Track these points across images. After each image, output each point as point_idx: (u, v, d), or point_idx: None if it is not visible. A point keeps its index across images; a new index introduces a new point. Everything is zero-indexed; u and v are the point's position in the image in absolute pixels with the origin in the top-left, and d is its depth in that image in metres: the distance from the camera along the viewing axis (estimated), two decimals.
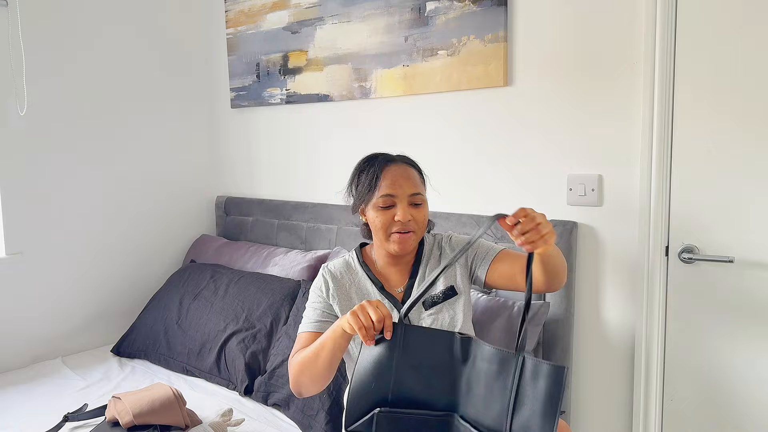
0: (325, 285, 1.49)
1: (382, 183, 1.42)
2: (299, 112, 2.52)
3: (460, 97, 2.03)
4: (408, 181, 1.44)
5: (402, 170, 1.45)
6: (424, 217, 1.46)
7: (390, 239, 1.43)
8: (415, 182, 1.46)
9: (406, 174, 1.45)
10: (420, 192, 1.45)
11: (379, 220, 1.43)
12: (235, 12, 2.66)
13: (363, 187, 1.46)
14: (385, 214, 1.42)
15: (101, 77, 2.47)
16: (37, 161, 2.30)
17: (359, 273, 1.52)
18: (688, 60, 1.62)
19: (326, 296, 1.48)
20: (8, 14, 2.18)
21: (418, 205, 1.44)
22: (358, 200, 1.49)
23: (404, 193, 1.42)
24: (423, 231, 1.49)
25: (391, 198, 1.42)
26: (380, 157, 1.49)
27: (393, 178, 1.43)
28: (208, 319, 2.19)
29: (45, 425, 1.73)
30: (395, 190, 1.42)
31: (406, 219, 1.41)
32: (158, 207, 2.71)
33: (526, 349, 1.75)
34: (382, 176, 1.43)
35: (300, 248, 2.49)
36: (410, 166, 1.49)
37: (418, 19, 2.07)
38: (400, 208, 1.41)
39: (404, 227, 1.41)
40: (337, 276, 1.51)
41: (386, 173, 1.43)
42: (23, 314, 2.30)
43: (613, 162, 1.76)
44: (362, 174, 1.48)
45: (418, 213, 1.44)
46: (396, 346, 1.19)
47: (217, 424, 1.71)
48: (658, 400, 1.75)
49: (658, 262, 1.70)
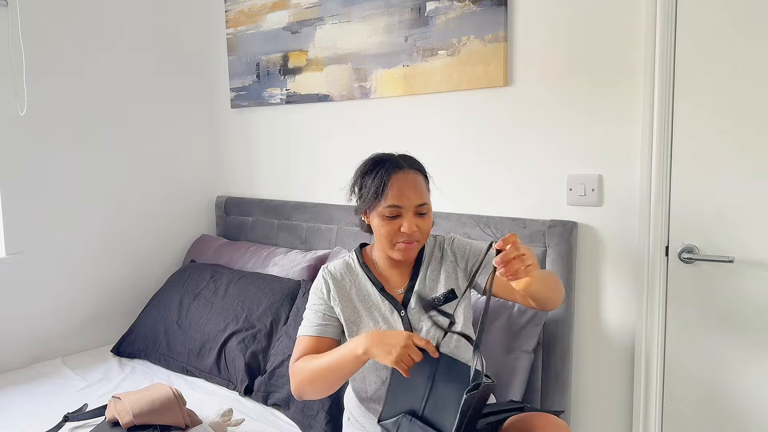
0: (326, 286, 1.49)
1: (389, 192, 1.38)
2: (299, 112, 2.52)
3: (460, 97, 2.03)
4: (415, 192, 1.40)
5: (410, 180, 1.41)
6: (428, 226, 1.45)
7: (395, 248, 1.42)
8: (422, 191, 1.43)
9: (413, 184, 1.41)
10: (426, 202, 1.43)
11: (384, 230, 1.41)
12: (235, 12, 2.66)
13: (368, 193, 1.42)
14: (391, 224, 1.40)
15: (101, 77, 2.47)
16: (37, 161, 2.30)
17: (359, 274, 1.51)
18: (688, 60, 1.62)
19: (327, 298, 1.48)
20: (8, 14, 2.18)
21: (424, 215, 1.43)
22: (362, 204, 1.46)
23: (411, 204, 1.39)
24: (426, 238, 1.48)
25: (398, 209, 1.39)
26: (388, 163, 1.43)
27: (400, 188, 1.39)
28: (208, 319, 2.19)
29: (45, 425, 1.73)
30: (402, 201, 1.39)
31: (412, 230, 1.39)
32: (158, 207, 2.71)
33: (525, 349, 1.77)
34: (389, 185, 1.39)
35: (300, 248, 2.49)
36: (417, 173, 1.45)
37: (418, 19, 2.07)
38: (406, 220, 1.39)
39: (410, 238, 1.40)
40: (338, 277, 1.50)
41: (393, 182, 1.39)
42: (23, 314, 2.30)
43: (613, 162, 1.76)
44: (367, 177, 1.43)
45: (423, 223, 1.42)
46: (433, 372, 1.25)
47: (217, 424, 1.71)
48: (658, 400, 1.75)
49: (658, 262, 1.70)
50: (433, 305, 1.45)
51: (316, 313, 1.48)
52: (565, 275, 1.82)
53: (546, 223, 1.84)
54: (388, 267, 1.51)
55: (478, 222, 1.96)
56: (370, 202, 1.41)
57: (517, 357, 1.76)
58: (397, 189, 1.39)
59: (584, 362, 1.88)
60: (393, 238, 1.41)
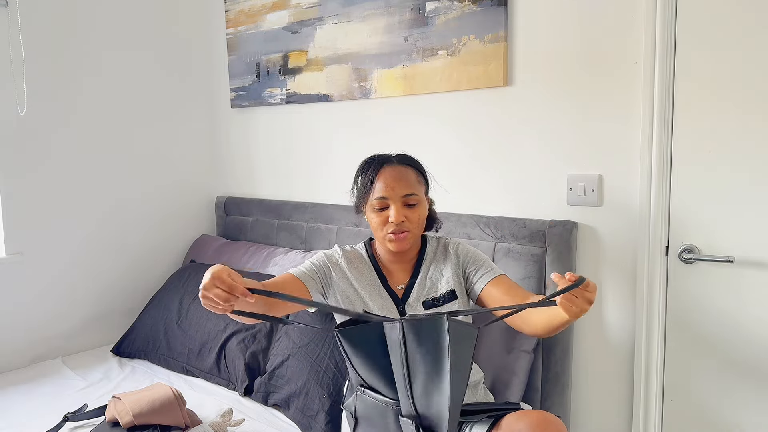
0: (336, 257, 1.54)
1: (376, 185, 1.46)
2: (299, 112, 2.52)
3: (460, 97, 2.03)
4: (401, 182, 1.45)
5: (396, 171, 1.47)
6: (419, 217, 1.47)
7: (386, 238, 1.47)
8: (410, 182, 1.47)
9: (399, 175, 1.46)
10: (414, 192, 1.46)
11: (374, 222, 1.48)
12: (235, 12, 2.66)
13: (361, 189, 1.51)
14: (380, 215, 1.46)
15: (101, 77, 2.47)
16: (37, 161, 2.30)
17: (368, 263, 1.55)
18: (688, 60, 1.62)
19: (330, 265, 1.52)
20: (8, 14, 2.18)
21: (413, 206, 1.46)
22: (357, 201, 1.53)
23: (397, 194, 1.44)
24: (420, 229, 1.50)
25: (384, 200, 1.45)
26: (377, 159, 1.51)
27: (386, 180, 1.45)
28: (207, 319, 2.19)
29: (45, 425, 1.73)
30: (387, 192, 1.45)
31: (399, 220, 1.43)
32: (158, 207, 2.71)
33: (525, 349, 1.77)
34: (376, 178, 1.47)
35: (300, 248, 2.49)
36: (407, 166, 1.50)
37: (418, 19, 2.07)
38: (393, 210, 1.44)
39: (399, 228, 1.44)
40: (350, 257, 1.55)
41: (380, 175, 1.46)
42: (23, 314, 2.30)
43: (613, 162, 1.76)
44: (361, 176, 1.52)
45: (412, 213, 1.46)
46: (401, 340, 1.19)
47: (217, 424, 1.71)
48: (658, 400, 1.75)
49: (658, 262, 1.70)
50: (433, 304, 1.46)
51: (311, 264, 1.52)
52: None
53: (546, 223, 1.84)
54: (390, 262, 1.55)
55: (478, 222, 1.96)
56: (363, 197, 1.49)
57: (517, 357, 1.76)
58: (383, 181, 1.46)
59: (584, 362, 1.88)
60: (383, 229, 1.46)
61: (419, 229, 1.49)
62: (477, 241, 1.96)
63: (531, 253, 1.85)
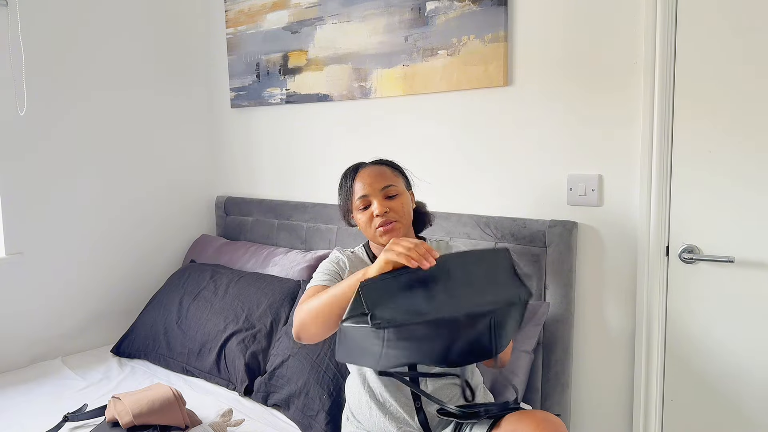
0: (341, 260, 1.57)
1: (355, 187, 1.53)
2: (299, 112, 2.52)
3: (460, 97, 2.03)
4: (377, 178, 1.52)
5: (371, 170, 1.55)
6: (402, 206, 1.51)
7: (377, 233, 1.50)
8: (386, 176, 1.53)
9: (375, 172, 1.54)
10: (392, 183, 1.52)
11: (362, 221, 1.53)
12: (235, 12, 2.66)
13: (344, 197, 1.58)
14: (365, 213, 1.52)
15: (101, 77, 2.47)
16: (37, 161, 2.30)
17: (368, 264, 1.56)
18: (688, 60, 1.62)
19: (340, 267, 1.55)
20: (8, 14, 2.17)
21: (393, 197, 1.51)
22: (343, 211, 1.61)
23: (375, 189, 1.51)
24: (408, 218, 1.54)
25: (366, 198, 1.51)
26: (352, 167, 1.60)
27: (363, 179, 1.53)
28: (207, 320, 2.19)
29: (45, 425, 1.73)
30: (366, 189, 1.51)
31: (383, 211, 1.48)
32: (158, 207, 2.71)
33: (525, 349, 1.77)
34: (354, 182, 1.54)
35: (300, 248, 2.49)
36: (381, 164, 1.58)
37: (418, 19, 2.07)
38: (375, 203, 1.50)
39: (385, 219, 1.48)
40: (352, 258, 1.59)
41: (357, 178, 1.54)
42: (23, 314, 2.30)
43: (613, 162, 1.76)
44: (341, 188, 1.60)
45: (394, 203, 1.51)
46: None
47: (217, 425, 1.71)
48: (658, 400, 1.75)
49: (658, 262, 1.70)
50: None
51: (328, 270, 1.55)
52: (565, 275, 1.82)
53: (546, 223, 1.84)
54: None
55: (478, 222, 1.96)
56: (347, 204, 1.57)
57: (517, 357, 1.76)
58: (360, 181, 1.53)
59: (584, 362, 1.88)
60: (371, 225, 1.50)
61: (406, 218, 1.53)
62: (477, 241, 1.96)
63: (531, 253, 1.85)
